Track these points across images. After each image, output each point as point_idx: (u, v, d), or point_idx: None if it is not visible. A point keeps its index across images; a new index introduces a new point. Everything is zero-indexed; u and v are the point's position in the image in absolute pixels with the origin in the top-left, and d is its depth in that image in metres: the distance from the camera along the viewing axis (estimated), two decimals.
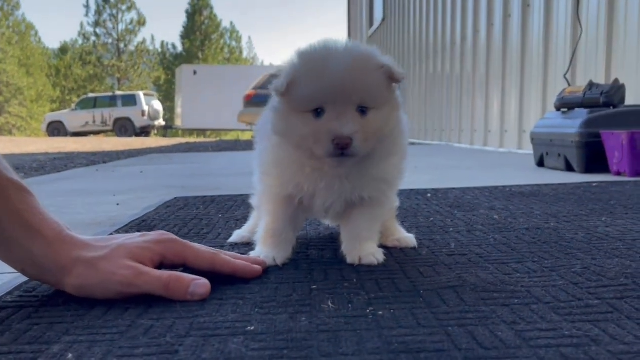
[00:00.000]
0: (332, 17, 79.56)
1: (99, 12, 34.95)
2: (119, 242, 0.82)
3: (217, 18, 37.01)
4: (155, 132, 21.01)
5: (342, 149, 0.85)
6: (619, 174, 2.53)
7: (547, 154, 3.05)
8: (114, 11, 34.96)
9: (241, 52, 39.09)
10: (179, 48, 37.40)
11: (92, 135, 18.87)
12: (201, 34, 35.96)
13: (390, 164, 0.98)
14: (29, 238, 0.78)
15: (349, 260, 0.99)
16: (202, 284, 0.80)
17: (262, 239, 1.02)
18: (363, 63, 0.87)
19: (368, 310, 0.74)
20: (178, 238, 0.87)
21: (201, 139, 17.00)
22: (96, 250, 0.80)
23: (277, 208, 0.99)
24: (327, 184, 0.94)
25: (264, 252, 0.99)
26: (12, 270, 1.07)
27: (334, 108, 0.85)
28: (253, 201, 1.22)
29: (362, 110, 0.87)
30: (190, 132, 25.90)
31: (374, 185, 0.97)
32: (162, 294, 0.79)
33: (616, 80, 2.81)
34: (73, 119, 19.27)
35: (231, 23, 52.40)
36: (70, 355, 0.61)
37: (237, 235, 1.21)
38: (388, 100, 0.91)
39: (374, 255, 0.99)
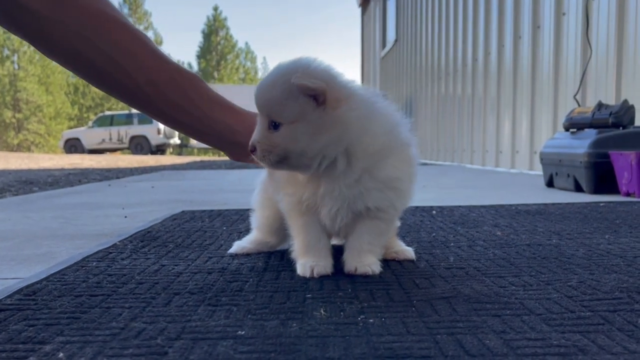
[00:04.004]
0: (347, 39, 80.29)
1: None
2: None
3: (233, 39, 37.59)
4: (171, 150, 21.20)
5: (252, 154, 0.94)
6: (628, 194, 2.51)
7: (556, 174, 3.03)
8: None
9: (256, 73, 39.56)
10: (195, 67, 37.96)
11: (108, 153, 19.09)
12: (217, 54, 36.48)
13: (388, 164, 0.95)
14: (223, 112, 1.09)
15: (346, 269, 1.00)
16: None
17: (300, 251, 1.02)
18: (275, 79, 0.91)
19: (359, 318, 0.75)
20: None
21: (215, 157, 17.10)
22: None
23: (306, 219, 1.00)
24: (326, 189, 0.95)
25: (302, 261, 1.01)
26: (14, 275, 1.09)
27: (258, 119, 0.95)
28: (252, 219, 1.24)
29: (275, 125, 0.91)
30: (205, 150, 26.11)
31: (380, 195, 0.95)
32: None
33: (625, 101, 2.80)
34: (90, 136, 19.51)
35: (246, 43, 53.09)
36: (61, 355, 0.63)
37: (237, 246, 1.22)
38: (306, 116, 0.88)
39: (369, 266, 0.99)
